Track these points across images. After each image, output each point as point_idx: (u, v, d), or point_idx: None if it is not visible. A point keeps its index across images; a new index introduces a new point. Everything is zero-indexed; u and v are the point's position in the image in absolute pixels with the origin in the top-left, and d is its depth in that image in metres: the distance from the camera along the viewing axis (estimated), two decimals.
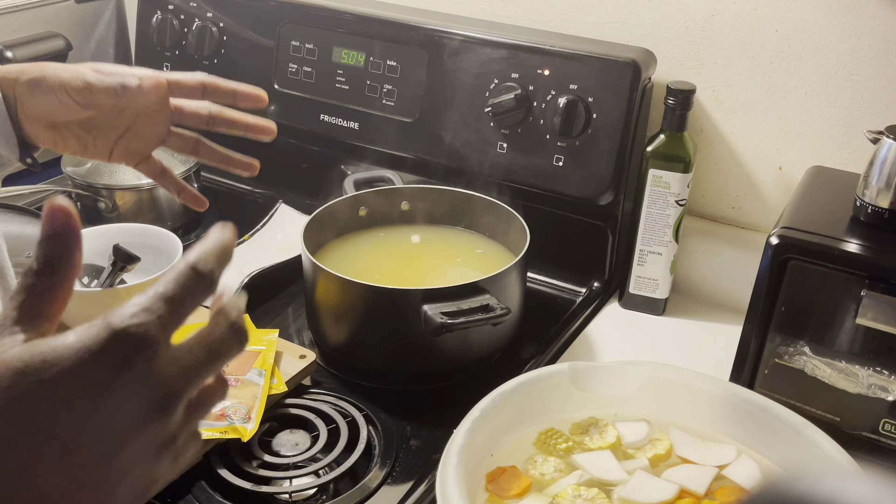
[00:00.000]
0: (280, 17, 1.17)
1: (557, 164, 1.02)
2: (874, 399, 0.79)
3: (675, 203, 0.97)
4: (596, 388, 0.78)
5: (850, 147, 0.95)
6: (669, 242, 0.99)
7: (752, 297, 0.81)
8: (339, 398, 0.86)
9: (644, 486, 0.71)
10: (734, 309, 1.04)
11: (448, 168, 1.09)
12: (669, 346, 0.99)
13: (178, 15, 1.24)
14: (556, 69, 1.00)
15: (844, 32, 0.91)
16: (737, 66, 0.98)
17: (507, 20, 1.11)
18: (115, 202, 1.12)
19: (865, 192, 0.78)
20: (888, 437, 0.80)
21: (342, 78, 1.14)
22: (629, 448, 0.76)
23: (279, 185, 1.26)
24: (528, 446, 0.76)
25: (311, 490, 0.76)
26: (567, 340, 0.99)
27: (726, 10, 0.97)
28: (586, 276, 1.08)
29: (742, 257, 1.02)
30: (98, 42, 1.34)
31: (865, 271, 0.75)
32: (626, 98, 0.97)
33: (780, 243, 0.77)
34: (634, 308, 1.04)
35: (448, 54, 1.06)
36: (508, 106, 1.01)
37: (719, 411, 0.76)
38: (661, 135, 0.96)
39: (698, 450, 0.75)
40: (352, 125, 1.15)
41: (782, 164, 1.00)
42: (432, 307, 0.81)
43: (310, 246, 0.94)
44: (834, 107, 0.95)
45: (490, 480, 0.71)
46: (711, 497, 0.71)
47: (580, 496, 0.69)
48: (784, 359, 0.83)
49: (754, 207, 1.04)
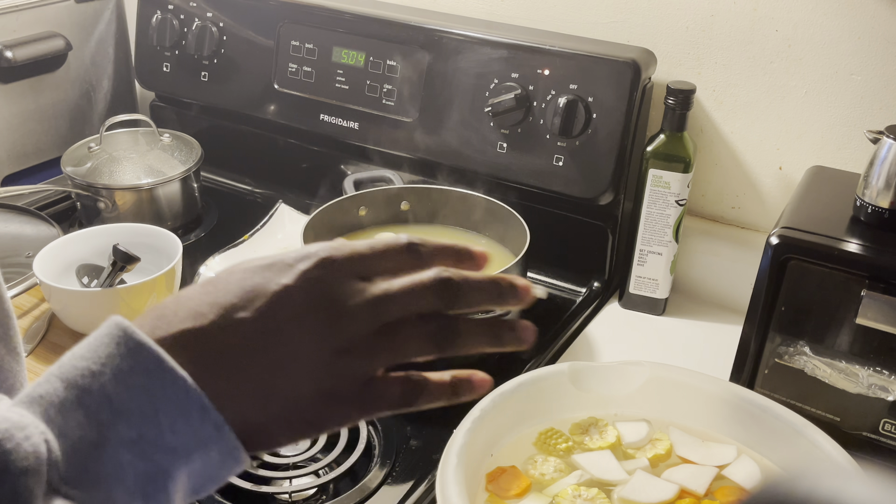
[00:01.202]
0: (280, 16, 1.17)
1: (557, 164, 1.01)
2: (874, 399, 0.79)
3: (675, 203, 0.97)
4: (596, 388, 0.78)
5: (850, 147, 0.95)
6: (669, 242, 0.99)
7: (752, 296, 0.81)
8: None
9: (644, 486, 0.71)
10: (734, 309, 1.03)
11: (448, 168, 1.09)
12: (669, 346, 0.99)
13: (178, 15, 1.24)
14: (556, 69, 0.99)
15: (845, 32, 0.91)
16: (737, 66, 0.98)
17: (507, 20, 1.11)
18: (114, 202, 1.12)
19: (865, 192, 0.78)
20: (888, 438, 0.80)
21: (342, 78, 1.14)
22: (629, 448, 0.76)
23: (279, 185, 1.26)
24: (528, 446, 0.76)
25: (310, 490, 0.76)
26: (567, 340, 0.99)
27: (726, 10, 0.97)
28: (586, 276, 1.08)
29: (742, 257, 1.02)
30: (98, 42, 1.34)
31: (865, 271, 0.75)
32: (626, 98, 0.97)
33: (781, 243, 0.77)
34: (634, 308, 1.04)
35: (448, 54, 1.06)
36: (508, 106, 1.01)
37: (719, 411, 0.76)
38: (661, 135, 0.96)
39: (698, 450, 0.75)
40: (352, 125, 1.15)
41: (782, 164, 1.00)
42: None
43: None
44: (834, 107, 0.95)
45: (490, 480, 0.71)
46: (711, 497, 0.71)
47: (580, 496, 0.69)
48: (784, 359, 0.83)
49: (754, 207, 1.04)
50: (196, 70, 1.25)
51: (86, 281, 0.95)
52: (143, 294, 0.90)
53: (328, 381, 0.40)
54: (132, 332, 0.38)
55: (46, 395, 0.37)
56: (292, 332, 0.40)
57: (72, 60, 1.30)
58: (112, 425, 0.36)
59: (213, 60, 1.23)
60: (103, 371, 0.37)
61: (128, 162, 1.13)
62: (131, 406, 0.37)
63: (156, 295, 0.92)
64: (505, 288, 0.44)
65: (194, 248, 1.12)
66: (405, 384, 0.43)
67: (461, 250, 0.46)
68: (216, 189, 1.30)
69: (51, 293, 0.90)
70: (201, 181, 1.21)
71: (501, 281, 0.44)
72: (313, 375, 0.40)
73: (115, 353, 0.37)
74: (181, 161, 1.16)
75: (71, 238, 0.97)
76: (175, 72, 1.27)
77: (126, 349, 0.37)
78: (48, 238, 1.02)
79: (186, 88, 1.27)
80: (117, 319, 0.39)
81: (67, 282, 0.94)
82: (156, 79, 1.30)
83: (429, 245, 0.44)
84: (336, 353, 0.40)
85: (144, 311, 0.41)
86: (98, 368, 0.37)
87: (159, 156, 1.16)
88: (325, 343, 0.40)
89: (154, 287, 0.91)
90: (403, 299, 0.42)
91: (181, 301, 0.41)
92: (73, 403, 0.36)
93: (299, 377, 0.40)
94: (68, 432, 0.36)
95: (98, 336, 0.39)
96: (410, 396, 0.43)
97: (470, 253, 0.46)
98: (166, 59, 1.27)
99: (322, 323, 0.41)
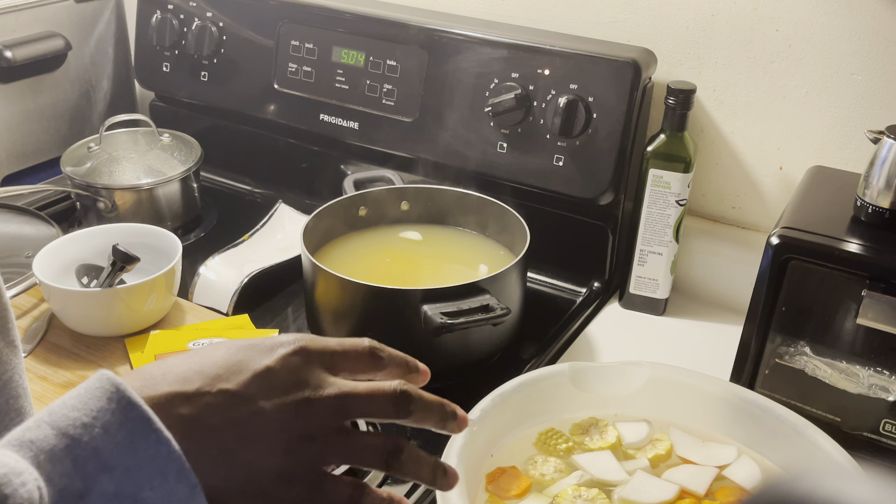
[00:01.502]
0: (280, 16, 1.17)
1: (557, 164, 1.01)
2: (875, 399, 0.79)
3: (676, 203, 0.97)
4: (596, 388, 0.78)
5: (850, 147, 0.95)
6: (670, 242, 0.99)
7: (752, 297, 0.81)
8: None
9: (644, 486, 0.71)
10: (735, 309, 1.03)
11: (448, 168, 1.08)
12: (670, 346, 0.99)
13: (178, 14, 1.24)
14: (556, 69, 0.99)
15: (845, 32, 0.91)
16: (737, 66, 0.98)
17: (507, 20, 1.11)
18: (114, 202, 1.12)
19: (866, 192, 0.78)
20: (889, 438, 0.80)
21: (342, 78, 1.14)
22: (629, 448, 0.76)
23: (279, 185, 1.26)
24: (529, 447, 0.75)
25: None
26: (567, 340, 0.99)
27: (727, 10, 0.97)
28: (586, 276, 1.08)
29: (742, 257, 1.02)
30: (97, 41, 1.34)
31: (866, 271, 0.75)
32: (627, 98, 0.97)
33: (781, 243, 0.77)
34: (635, 308, 1.04)
35: (448, 54, 1.06)
36: (508, 106, 1.00)
37: (720, 411, 0.76)
38: (661, 135, 0.96)
39: (699, 450, 0.75)
40: (352, 125, 1.15)
41: (783, 164, 1.00)
42: (432, 307, 0.81)
43: (310, 246, 0.93)
44: (834, 106, 0.95)
45: (490, 481, 0.71)
46: (712, 497, 0.71)
47: (580, 496, 0.69)
48: (784, 359, 0.83)
49: (755, 207, 1.04)
50: (196, 70, 1.25)
51: (85, 281, 0.95)
52: (142, 294, 0.90)
53: (287, 462, 0.44)
54: (124, 390, 0.40)
55: (37, 440, 0.38)
56: (266, 409, 0.44)
57: (71, 60, 1.30)
58: (96, 477, 0.38)
59: (212, 60, 1.23)
60: (94, 424, 0.39)
61: (127, 162, 1.13)
62: (117, 460, 0.39)
63: (155, 295, 0.91)
64: (448, 413, 0.50)
65: (194, 248, 1.12)
66: (354, 489, 0.46)
67: (411, 364, 0.51)
68: (216, 189, 1.30)
69: (50, 293, 0.90)
70: (201, 181, 1.21)
71: (447, 406, 0.50)
72: (276, 453, 0.44)
73: (106, 407, 0.39)
74: (181, 161, 1.16)
75: (70, 238, 0.97)
76: (175, 72, 1.27)
77: (117, 406, 0.40)
78: (48, 238, 1.02)
79: (186, 88, 1.27)
80: (108, 374, 0.41)
81: (67, 282, 0.94)
82: (155, 79, 1.30)
83: (386, 353, 0.50)
84: (299, 437, 0.44)
85: (130, 372, 0.44)
86: (89, 421, 0.39)
87: (159, 156, 1.16)
88: (292, 425, 0.44)
89: (154, 287, 0.91)
90: (366, 400, 0.46)
91: (168, 366, 0.44)
92: (63, 452, 0.38)
93: (264, 452, 0.43)
94: (55, 480, 0.38)
95: (89, 389, 0.40)
96: (357, 500, 0.46)
97: (417, 367, 0.52)
98: (166, 58, 1.27)
99: (293, 406, 0.44)
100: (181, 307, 0.97)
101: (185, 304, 0.98)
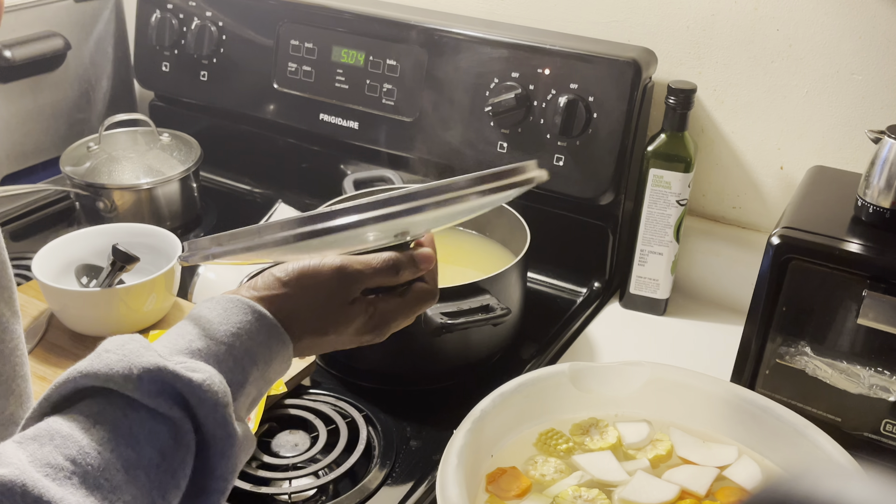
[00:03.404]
0: (279, 16, 1.17)
1: (558, 164, 1.01)
2: (875, 399, 0.79)
3: (676, 203, 0.97)
4: (596, 388, 0.78)
5: (851, 147, 0.95)
6: (670, 242, 0.99)
7: (753, 297, 0.81)
8: (338, 399, 0.86)
9: (645, 486, 0.71)
10: (735, 309, 1.03)
11: (448, 168, 1.08)
12: (670, 346, 0.99)
13: (177, 14, 1.24)
14: (556, 68, 0.99)
15: (846, 32, 0.91)
16: (738, 66, 0.98)
17: (507, 19, 1.10)
18: (113, 202, 1.12)
19: (867, 192, 0.78)
20: (889, 438, 0.80)
21: (342, 77, 1.14)
22: (630, 449, 0.76)
23: (279, 185, 1.26)
24: (529, 447, 0.75)
25: (310, 491, 0.76)
26: (567, 341, 0.99)
27: (727, 10, 0.96)
28: (587, 276, 1.08)
29: (743, 257, 1.02)
30: (97, 41, 1.34)
31: (867, 271, 0.75)
32: (627, 98, 0.96)
33: (782, 243, 0.77)
34: (635, 308, 1.04)
35: (448, 53, 1.06)
36: (509, 105, 1.00)
37: (720, 412, 0.76)
38: (661, 134, 0.96)
39: (699, 450, 0.75)
40: (352, 125, 1.15)
41: (783, 164, 1.00)
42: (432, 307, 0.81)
43: None
44: (835, 106, 0.95)
45: (490, 481, 0.71)
46: (712, 498, 0.71)
47: (581, 497, 0.69)
48: (785, 359, 0.83)
49: (755, 207, 1.04)
50: (195, 70, 1.25)
51: (85, 281, 0.95)
52: (142, 294, 0.90)
53: (343, 313, 0.59)
54: (254, 305, 0.55)
55: (203, 349, 0.52)
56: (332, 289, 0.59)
57: (71, 60, 1.30)
58: (249, 370, 0.54)
59: (212, 60, 1.23)
60: (240, 332, 0.54)
61: (127, 162, 1.13)
62: (260, 356, 0.54)
63: (155, 295, 0.91)
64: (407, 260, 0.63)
65: None
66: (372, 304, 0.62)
67: None
68: (215, 189, 1.30)
69: (50, 293, 0.90)
70: (200, 181, 1.21)
71: None
72: (338, 311, 0.59)
73: (245, 318, 0.54)
74: (180, 161, 1.16)
75: (70, 238, 0.97)
76: (174, 71, 1.27)
77: (253, 317, 0.55)
78: None
79: (186, 88, 1.27)
80: (239, 297, 0.56)
81: (66, 282, 0.94)
82: (155, 78, 1.30)
83: None
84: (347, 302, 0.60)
85: (238, 286, 0.59)
86: (236, 330, 0.54)
87: (158, 155, 1.16)
88: (345, 294, 0.59)
89: (153, 287, 0.91)
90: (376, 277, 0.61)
91: (266, 278, 0.58)
92: (226, 354, 0.53)
93: (331, 311, 0.59)
94: (226, 375, 0.52)
95: (226, 307, 0.55)
96: None
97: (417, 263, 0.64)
98: (165, 58, 1.27)
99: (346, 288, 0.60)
100: (181, 307, 0.97)
101: (184, 304, 0.98)
